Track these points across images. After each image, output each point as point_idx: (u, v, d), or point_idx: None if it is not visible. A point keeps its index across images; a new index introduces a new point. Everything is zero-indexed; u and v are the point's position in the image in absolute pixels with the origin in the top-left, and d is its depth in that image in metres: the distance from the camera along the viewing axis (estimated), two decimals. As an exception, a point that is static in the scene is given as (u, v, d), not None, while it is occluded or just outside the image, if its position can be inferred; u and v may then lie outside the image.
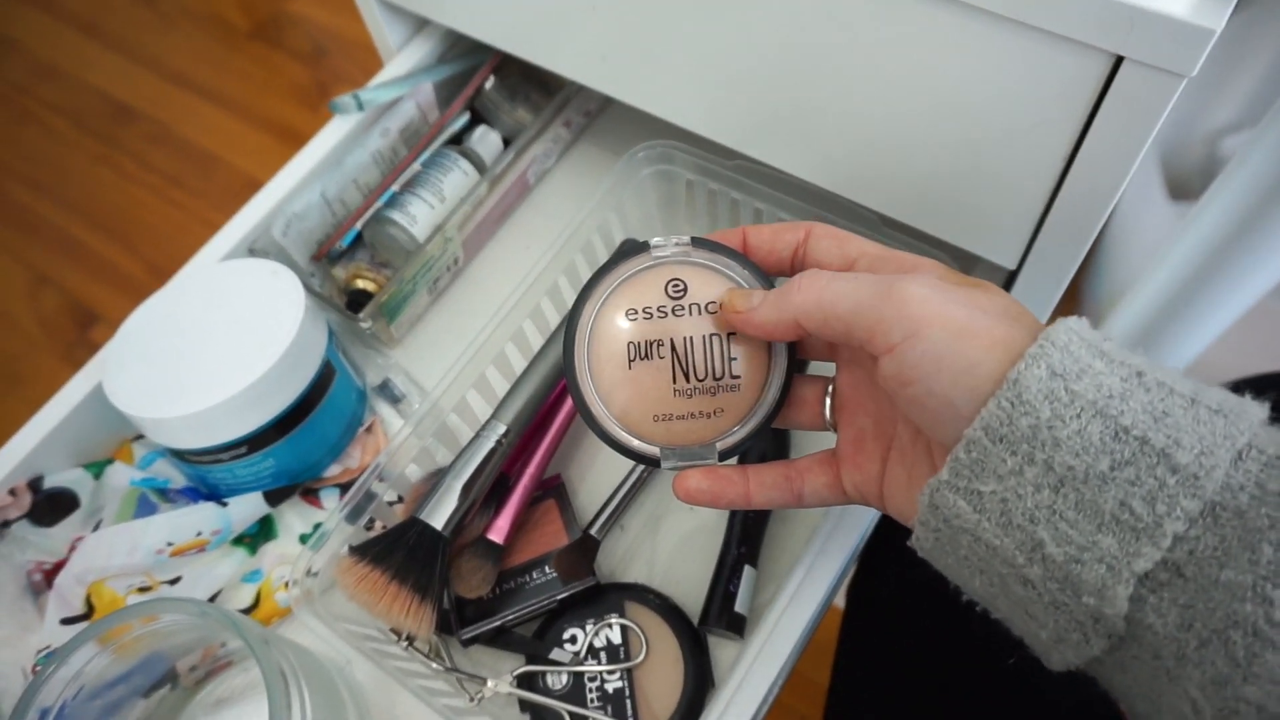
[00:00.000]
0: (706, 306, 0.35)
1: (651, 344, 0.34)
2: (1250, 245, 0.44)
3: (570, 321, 0.35)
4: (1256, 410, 0.24)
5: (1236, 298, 0.48)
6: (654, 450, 0.35)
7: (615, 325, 0.35)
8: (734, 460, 0.36)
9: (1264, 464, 0.23)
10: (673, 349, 0.34)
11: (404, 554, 0.43)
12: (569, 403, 0.50)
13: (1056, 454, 0.24)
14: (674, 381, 0.34)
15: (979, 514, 0.26)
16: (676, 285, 0.35)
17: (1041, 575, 0.25)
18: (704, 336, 0.34)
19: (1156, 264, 0.50)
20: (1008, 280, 0.45)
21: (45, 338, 1.33)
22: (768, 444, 0.50)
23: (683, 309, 0.35)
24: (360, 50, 1.54)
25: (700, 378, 0.34)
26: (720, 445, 0.35)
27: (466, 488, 0.45)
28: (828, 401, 0.36)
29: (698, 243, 0.35)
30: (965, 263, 0.47)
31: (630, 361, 0.34)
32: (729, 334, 0.35)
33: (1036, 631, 0.27)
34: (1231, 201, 0.44)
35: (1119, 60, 0.32)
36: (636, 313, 0.35)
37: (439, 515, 0.44)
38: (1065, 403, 0.24)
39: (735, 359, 0.35)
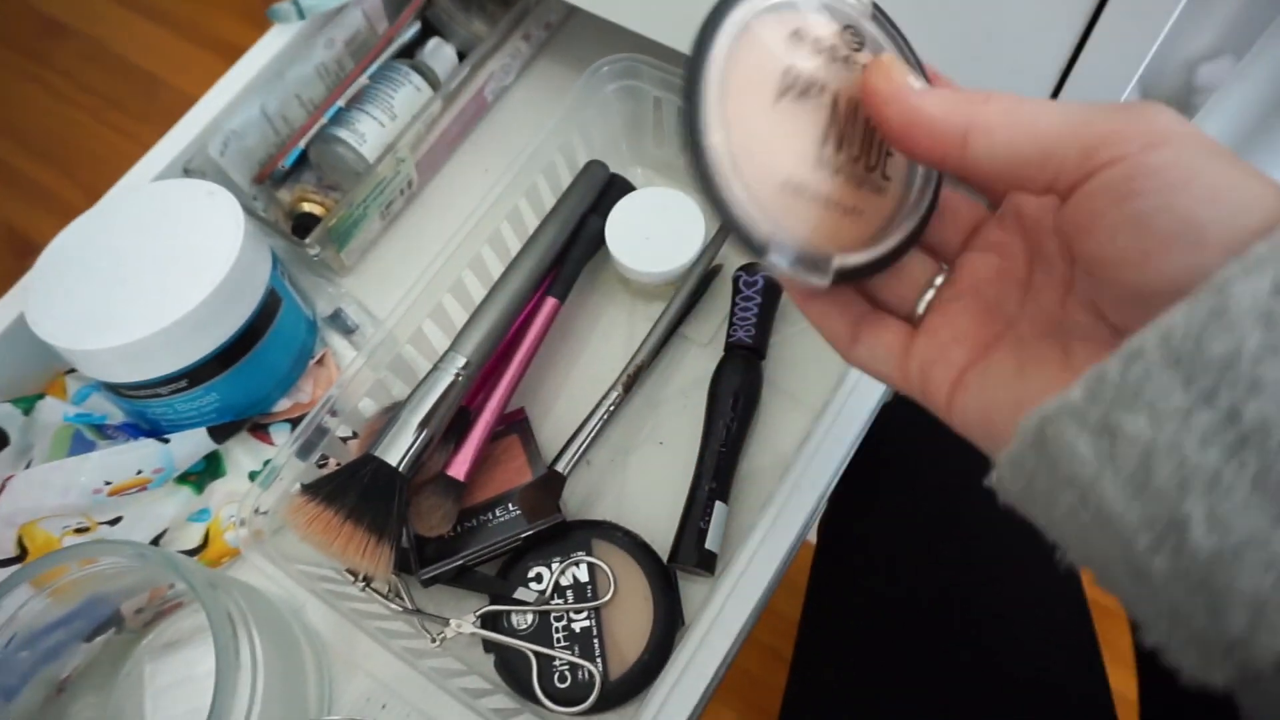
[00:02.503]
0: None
1: (812, 84, 0.25)
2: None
3: (713, 17, 0.24)
4: None
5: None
6: (765, 234, 0.24)
7: (772, 44, 0.25)
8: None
9: None
10: (834, 103, 0.25)
11: (358, 492, 0.41)
12: (532, 333, 0.48)
13: (1252, 400, 0.17)
14: (823, 144, 0.25)
15: (1103, 463, 0.19)
16: (856, 35, 0.26)
17: (1169, 570, 0.18)
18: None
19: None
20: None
21: (-20, 268, 1.27)
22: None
23: (858, 66, 0.26)
24: (308, -37, 1.45)
25: (855, 154, 0.26)
26: (838, 263, 0.25)
27: (424, 423, 0.42)
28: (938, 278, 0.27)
29: (879, 18, 0.27)
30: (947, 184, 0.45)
31: (780, 94, 0.25)
32: None
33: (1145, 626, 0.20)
34: (1219, 132, 0.43)
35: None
36: (804, 41, 0.25)
37: (395, 452, 0.42)
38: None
39: (892, 155, 0.27)
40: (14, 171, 1.33)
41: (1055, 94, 0.35)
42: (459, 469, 0.44)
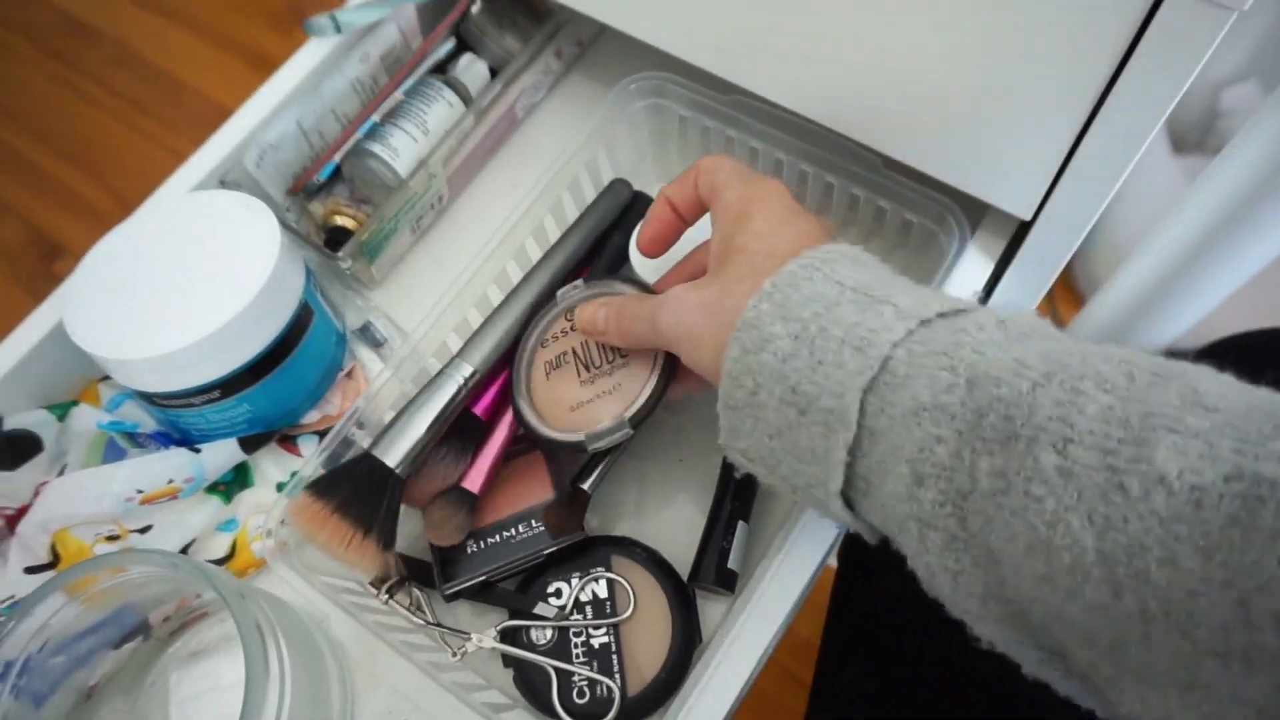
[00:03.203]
0: None
1: (561, 356, 0.45)
2: (1266, 206, 0.43)
3: (512, 365, 0.46)
4: (894, 334, 0.28)
5: (1248, 258, 0.47)
6: (579, 439, 0.42)
7: (537, 356, 0.46)
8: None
9: (895, 387, 0.28)
10: (574, 353, 0.44)
11: (350, 487, 0.41)
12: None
13: (765, 413, 0.31)
14: (579, 377, 0.44)
15: (751, 463, 0.33)
16: (569, 315, 0.46)
17: (802, 500, 0.33)
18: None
19: (1167, 221, 0.48)
20: (1020, 230, 0.43)
21: (8, 269, 1.28)
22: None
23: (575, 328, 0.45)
24: (335, -29, 1.47)
25: (598, 365, 0.44)
26: (628, 416, 0.41)
27: (424, 426, 0.43)
28: None
29: (590, 282, 0.47)
30: (974, 212, 0.45)
31: (547, 374, 0.45)
32: None
33: (805, 470, 0.31)
34: (1248, 160, 0.43)
35: (1164, -8, 0.30)
36: (547, 341, 0.46)
37: (391, 452, 0.42)
38: (757, 372, 0.31)
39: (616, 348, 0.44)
40: (41, 173, 1.35)
41: (1083, 132, 0.35)
42: (473, 482, 0.44)
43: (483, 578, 0.44)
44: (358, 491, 0.41)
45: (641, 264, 0.50)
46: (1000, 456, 0.25)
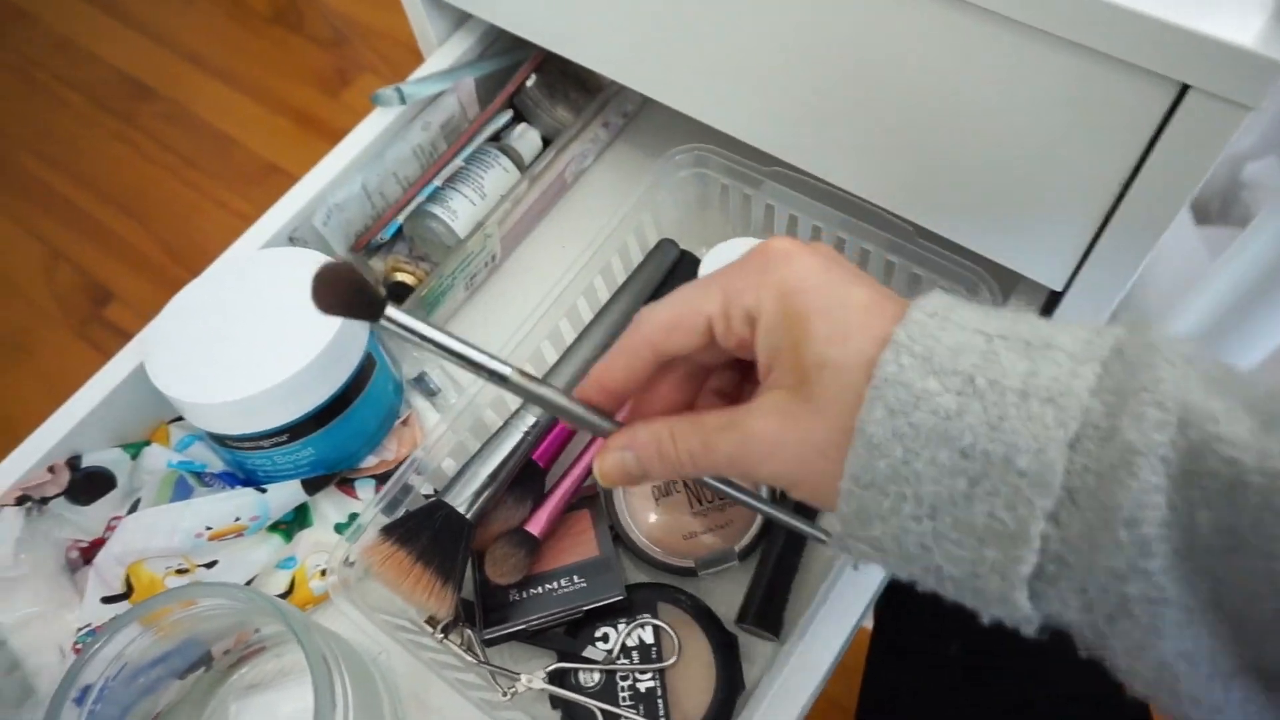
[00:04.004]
0: None
1: (670, 484, 0.49)
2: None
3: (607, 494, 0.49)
4: (1086, 381, 0.24)
5: (1271, 333, 0.48)
6: (689, 563, 0.47)
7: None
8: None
9: (1100, 439, 0.23)
10: (685, 485, 0.49)
11: (429, 537, 0.44)
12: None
13: (921, 487, 0.25)
14: (690, 507, 0.49)
15: (882, 553, 0.27)
16: None
17: (955, 593, 0.26)
18: None
19: (1191, 296, 0.50)
20: (1051, 299, 0.45)
21: (60, 313, 1.33)
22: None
23: None
24: (381, 38, 1.54)
25: (710, 500, 0.49)
26: (737, 549, 0.47)
27: (492, 476, 0.45)
28: None
29: None
30: (1005, 281, 0.48)
31: (657, 500, 0.49)
32: None
33: (974, 556, 0.26)
34: (1271, 236, 0.45)
35: (1184, 88, 0.32)
36: None
37: (465, 500, 0.45)
38: (911, 436, 0.25)
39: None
40: (94, 222, 1.40)
41: (1113, 210, 0.38)
42: (536, 526, 0.47)
43: (522, 626, 0.46)
44: (436, 540, 0.43)
45: None
46: (1225, 508, 0.22)
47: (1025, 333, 0.26)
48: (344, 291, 0.31)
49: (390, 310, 0.31)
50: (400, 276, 0.56)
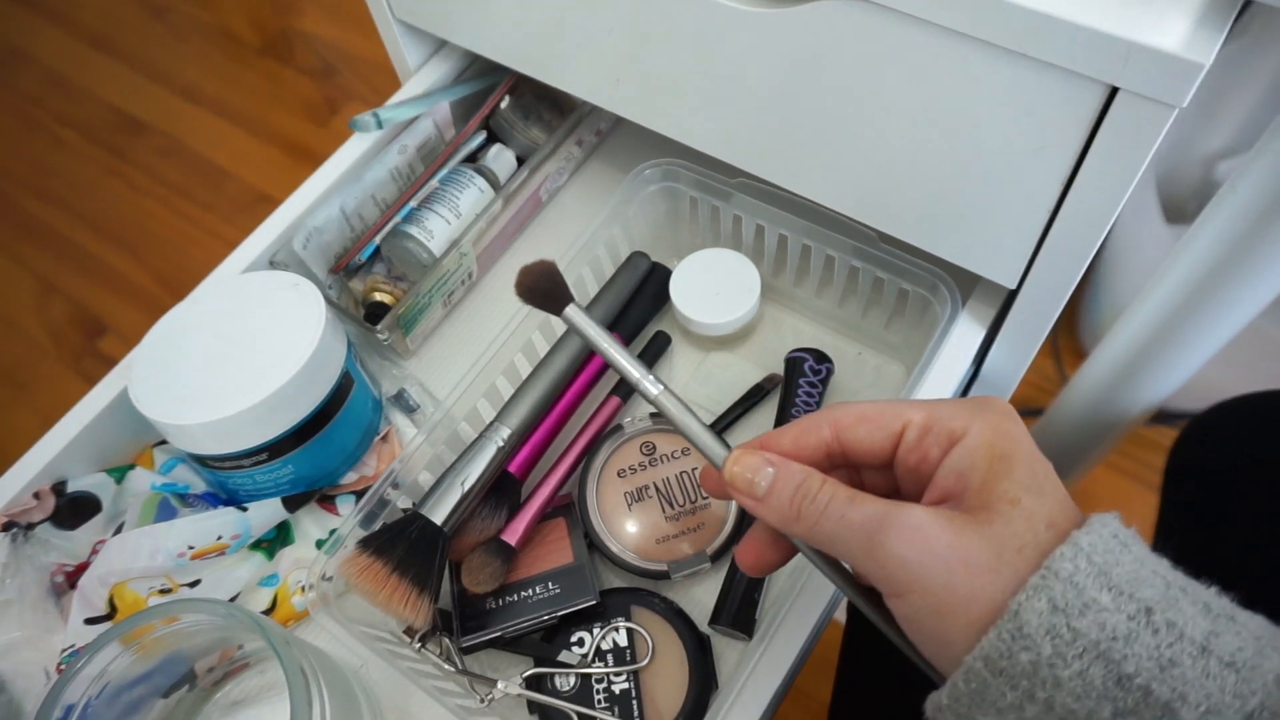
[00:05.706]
0: (672, 454, 0.51)
1: (641, 489, 0.50)
2: (1243, 268, 0.46)
3: (580, 492, 0.50)
4: (1274, 663, 0.23)
5: (1230, 319, 0.49)
6: (662, 568, 0.48)
7: (614, 484, 0.51)
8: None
9: None
10: (656, 489, 0.50)
11: (405, 547, 0.44)
12: (594, 426, 0.52)
13: (1057, 694, 0.24)
14: (663, 511, 0.50)
15: None
16: (647, 446, 0.52)
17: None
18: (676, 475, 0.50)
19: (1151, 286, 0.51)
20: (1009, 299, 0.47)
21: (54, 346, 1.34)
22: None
23: (656, 461, 0.51)
24: (369, 67, 1.56)
25: (681, 504, 0.50)
26: (708, 551, 0.48)
27: (467, 487, 0.46)
28: None
29: (655, 416, 0.52)
30: (966, 282, 0.49)
31: (630, 505, 0.50)
32: (693, 468, 0.50)
33: None
34: (1225, 225, 0.46)
35: (1114, 91, 0.34)
36: (625, 472, 0.51)
37: (440, 512, 0.46)
38: (1067, 640, 0.24)
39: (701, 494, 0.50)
40: (88, 256, 1.42)
41: (1057, 209, 0.39)
42: (512, 535, 0.47)
43: (498, 633, 0.47)
44: (412, 551, 0.44)
45: (685, 303, 0.55)
46: None
47: (1206, 596, 0.25)
48: (542, 281, 0.39)
49: (570, 309, 0.38)
50: (379, 296, 0.57)
